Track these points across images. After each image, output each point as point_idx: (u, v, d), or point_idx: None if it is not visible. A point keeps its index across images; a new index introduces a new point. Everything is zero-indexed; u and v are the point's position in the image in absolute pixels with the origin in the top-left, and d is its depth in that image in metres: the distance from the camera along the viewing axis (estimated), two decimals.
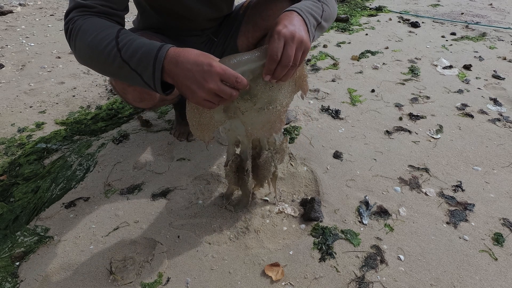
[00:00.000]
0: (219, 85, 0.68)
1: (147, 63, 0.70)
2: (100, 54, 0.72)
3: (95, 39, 0.72)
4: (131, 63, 0.71)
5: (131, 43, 0.71)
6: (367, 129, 1.55)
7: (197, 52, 0.71)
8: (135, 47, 0.71)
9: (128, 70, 0.72)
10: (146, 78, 0.71)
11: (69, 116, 1.61)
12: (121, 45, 0.71)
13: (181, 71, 0.69)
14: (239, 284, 0.90)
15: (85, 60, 0.78)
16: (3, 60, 2.16)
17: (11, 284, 0.89)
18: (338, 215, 1.10)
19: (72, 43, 0.78)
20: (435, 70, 2.16)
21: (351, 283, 0.90)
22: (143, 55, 0.70)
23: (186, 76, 0.68)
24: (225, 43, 1.24)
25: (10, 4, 3.32)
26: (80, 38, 0.74)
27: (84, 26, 0.74)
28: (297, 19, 0.76)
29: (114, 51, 0.71)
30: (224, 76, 0.68)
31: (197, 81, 0.68)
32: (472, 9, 3.56)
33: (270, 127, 0.86)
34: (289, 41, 0.71)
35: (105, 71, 0.79)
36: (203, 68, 0.67)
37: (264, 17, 1.16)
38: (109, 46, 0.71)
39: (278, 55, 0.71)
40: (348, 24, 2.99)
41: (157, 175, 1.25)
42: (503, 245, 1.02)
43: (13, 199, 1.14)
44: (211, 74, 0.67)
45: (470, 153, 1.41)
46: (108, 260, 0.95)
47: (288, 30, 0.72)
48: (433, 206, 1.16)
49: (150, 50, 0.70)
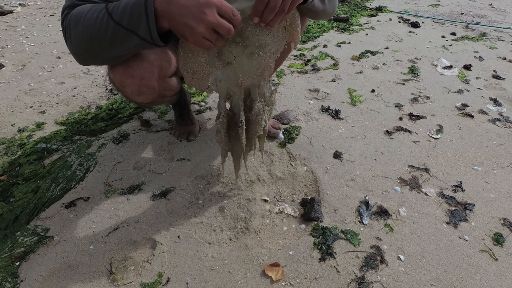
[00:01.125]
0: (218, 18, 0.66)
1: (138, 14, 0.67)
2: (93, 28, 0.71)
3: (85, 18, 0.72)
4: (123, 22, 0.68)
5: (118, 4, 0.69)
6: (367, 129, 1.55)
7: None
8: (123, 5, 0.69)
9: (124, 32, 0.69)
10: (142, 32, 0.69)
11: (69, 116, 1.61)
12: (110, 9, 0.69)
13: (176, 8, 0.66)
14: (239, 284, 0.90)
15: (82, 47, 0.75)
16: (3, 60, 2.16)
17: (11, 284, 0.89)
18: (338, 215, 1.10)
19: (68, 38, 0.76)
20: (435, 70, 2.16)
21: (351, 283, 0.90)
22: (133, 8, 0.67)
23: (182, 13, 0.66)
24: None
25: (10, 4, 3.32)
26: (73, 25, 0.74)
27: (73, 12, 0.74)
28: None
29: (106, 18, 0.69)
30: (221, 9, 0.66)
31: (194, 15, 0.65)
32: (472, 9, 3.56)
33: (260, 73, 0.88)
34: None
35: (101, 48, 0.75)
36: (199, 1, 0.65)
37: None
38: (99, 15, 0.70)
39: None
40: (348, 24, 2.99)
41: (157, 175, 1.25)
42: (503, 245, 1.02)
43: (13, 199, 1.14)
44: (209, 5, 0.65)
45: (470, 153, 1.41)
46: (108, 260, 0.95)
47: None
48: (433, 206, 1.16)
49: (138, 0, 0.67)
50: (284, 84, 1.93)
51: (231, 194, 1.17)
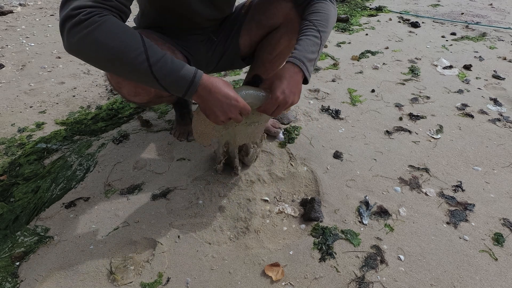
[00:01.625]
0: (237, 115, 0.89)
1: (181, 86, 0.80)
2: (126, 62, 0.74)
3: (121, 44, 0.73)
4: (162, 81, 0.78)
5: (164, 62, 0.77)
6: (367, 129, 1.55)
7: (223, 83, 0.87)
8: (169, 69, 0.78)
9: (156, 84, 0.79)
10: (174, 92, 0.81)
11: (69, 116, 1.61)
12: (152, 61, 0.76)
13: (212, 99, 0.85)
14: (239, 284, 0.90)
15: (98, 58, 0.75)
16: (3, 60, 2.16)
17: (11, 284, 0.89)
18: (338, 215, 1.10)
19: (79, 35, 0.72)
20: (435, 70, 2.16)
21: (351, 283, 0.90)
22: (178, 79, 0.79)
23: (215, 104, 0.85)
24: (226, 42, 1.24)
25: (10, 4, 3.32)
26: (100, 37, 0.72)
27: (106, 25, 0.72)
28: (296, 78, 0.93)
29: (145, 66, 0.75)
30: (243, 110, 0.89)
31: (223, 110, 0.86)
32: (472, 9, 3.56)
33: (253, 137, 1.16)
34: (281, 106, 0.93)
35: (119, 72, 0.80)
36: (231, 102, 0.86)
37: (268, 16, 1.17)
38: (138, 58, 0.74)
39: (270, 112, 0.95)
40: (348, 24, 2.99)
41: (157, 175, 1.25)
42: (503, 245, 1.02)
43: (13, 199, 1.14)
44: (236, 108, 0.87)
45: (470, 153, 1.41)
46: (108, 260, 0.95)
47: (284, 98, 0.92)
48: (433, 206, 1.16)
49: (185, 75, 0.80)
50: None
51: (231, 194, 1.17)
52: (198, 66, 1.26)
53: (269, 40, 1.22)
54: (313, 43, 0.95)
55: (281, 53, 1.24)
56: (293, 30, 1.17)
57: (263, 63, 1.29)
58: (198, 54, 1.23)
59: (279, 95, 0.91)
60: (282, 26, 1.18)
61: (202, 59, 1.25)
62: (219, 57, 1.27)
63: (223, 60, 1.29)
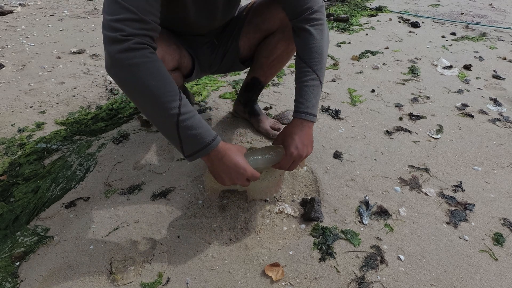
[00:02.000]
0: (244, 182, 0.90)
1: (197, 143, 0.83)
2: (158, 104, 0.78)
3: (159, 89, 0.77)
4: (182, 132, 0.80)
5: (192, 115, 0.81)
6: (367, 129, 1.55)
7: (236, 150, 0.89)
8: (195, 124, 0.81)
9: (174, 132, 0.81)
10: (185, 149, 0.84)
11: (69, 116, 1.61)
12: (183, 110, 0.79)
13: (222, 166, 0.87)
14: (239, 284, 0.90)
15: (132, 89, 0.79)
16: (3, 60, 2.16)
17: (11, 284, 0.89)
18: (338, 215, 1.10)
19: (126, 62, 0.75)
20: (435, 70, 2.16)
21: (351, 283, 0.90)
22: (199, 135, 0.82)
23: (224, 171, 0.88)
24: (227, 43, 1.25)
25: (10, 4, 3.32)
26: (145, 74, 0.76)
27: (152, 65, 0.77)
28: (306, 130, 0.96)
29: (175, 112, 0.79)
30: (251, 178, 0.89)
31: (231, 177, 0.88)
32: (472, 9, 3.56)
33: (268, 192, 1.10)
34: (297, 160, 0.95)
35: (147, 111, 0.82)
36: (239, 171, 0.87)
37: (264, 20, 1.17)
38: (171, 104, 0.78)
39: (287, 168, 0.97)
40: (348, 24, 2.99)
41: (157, 175, 1.25)
42: (503, 245, 1.02)
43: (13, 199, 1.14)
44: (243, 176, 0.88)
45: (470, 153, 1.41)
46: (108, 260, 0.95)
47: (298, 152, 0.94)
48: (433, 206, 1.16)
49: (206, 136, 0.83)
50: (284, 84, 1.93)
51: (230, 194, 1.17)
52: (202, 66, 1.27)
53: (266, 44, 1.23)
54: (313, 89, 0.97)
55: (278, 57, 1.25)
56: (289, 36, 1.17)
57: (261, 66, 1.29)
58: (202, 55, 1.24)
59: (293, 151, 0.94)
60: (278, 31, 1.19)
61: (206, 60, 1.26)
62: (221, 58, 1.28)
63: (224, 62, 1.29)
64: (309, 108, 0.96)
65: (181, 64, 1.14)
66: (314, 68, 0.97)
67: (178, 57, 1.10)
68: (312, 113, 0.97)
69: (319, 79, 0.98)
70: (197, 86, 1.87)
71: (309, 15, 0.96)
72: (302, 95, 0.97)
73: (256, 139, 1.43)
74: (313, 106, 0.97)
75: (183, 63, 1.15)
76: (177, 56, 1.09)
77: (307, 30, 0.97)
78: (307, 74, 0.97)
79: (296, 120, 0.97)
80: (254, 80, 1.37)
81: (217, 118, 1.57)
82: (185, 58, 1.15)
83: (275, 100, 1.76)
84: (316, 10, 0.97)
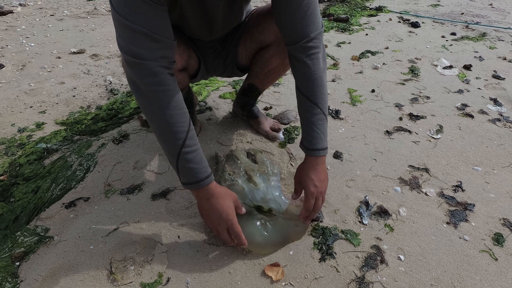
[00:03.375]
0: (224, 233, 0.90)
1: (191, 175, 0.86)
2: (167, 132, 0.83)
3: (172, 118, 0.82)
4: (181, 159, 0.84)
5: (196, 149, 0.86)
6: (367, 129, 1.55)
7: (226, 196, 0.91)
8: (196, 157, 0.86)
9: (174, 160, 0.85)
10: (181, 178, 0.88)
11: (69, 116, 1.61)
12: (188, 143, 0.84)
13: (208, 206, 0.90)
14: (239, 284, 0.90)
15: (147, 112, 0.84)
16: (3, 60, 2.16)
17: (11, 284, 0.89)
18: (338, 215, 1.10)
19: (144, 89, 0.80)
20: (435, 70, 2.16)
21: (351, 283, 0.90)
22: (196, 169, 0.86)
23: (208, 211, 0.90)
24: (229, 48, 1.24)
25: (10, 4, 3.32)
26: (158, 100, 0.81)
27: (168, 95, 0.81)
28: (320, 166, 0.98)
29: (179, 142, 0.83)
30: (230, 230, 0.90)
31: (212, 220, 0.91)
32: (472, 9, 3.56)
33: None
34: (318, 197, 0.97)
35: (156, 135, 0.87)
36: (222, 216, 0.89)
37: (260, 31, 1.16)
38: (178, 134, 0.83)
39: (311, 208, 0.98)
40: (348, 24, 2.99)
41: (157, 175, 1.25)
42: (503, 245, 1.02)
43: (13, 199, 1.14)
44: (225, 224, 0.89)
45: (470, 153, 1.41)
46: (108, 260, 0.95)
47: (318, 190, 0.96)
48: (433, 206, 1.16)
49: (202, 172, 0.86)
50: (284, 84, 1.93)
51: None
52: (208, 69, 1.27)
53: (261, 56, 1.22)
54: (319, 123, 0.96)
55: (274, 70, 1.24)
56: (285, 50, 1.13)
57: (257, 75, 1.29)
58: (207, 58, 1.24)
59: (313, 190, 0.96)
60: (273, 44, 1.16)
61: (211, 64, 1.26)
62: (224, 64, 1.28)
63: (226, 67, 1.29)
64: (318, 144, 0.96)
65: (189, 65, 1.14)
66: (316, 102, 0.95)
67: (186, 58, 1.10)
68: (322, 148, 0.97)
69: (323, 112, 0.96)
70: (197, 86, 1.87)
71: (306, 43, 0.90)
72: (309, 132, 0.97)
73: (256, 139, 1.43)
74: (322, 141, 0.97)
75: (191, 63, 1.15)
76: (185, 57, 1.09)
77: (303, 61, 0.92)
78: (310, 109, 0.95)
79: (309, 158, 0.98)
80: (251, 86, 1.36)
81: (217, 118, 1.57)
82: (193, 59, 1.16)
83: (275, 100, 1.76)
84: (313, 38, 0.90)
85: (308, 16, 0.88)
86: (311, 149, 0.97)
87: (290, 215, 1.05)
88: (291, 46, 0.93)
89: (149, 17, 0.75)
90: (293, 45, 0.92)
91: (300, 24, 0.88)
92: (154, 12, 0.75)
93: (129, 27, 0.74)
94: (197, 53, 1.19)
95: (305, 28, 0.89)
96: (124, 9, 0.74)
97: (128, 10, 0.74)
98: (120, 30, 0.77)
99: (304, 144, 0.99)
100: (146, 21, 0.75)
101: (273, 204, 1.07)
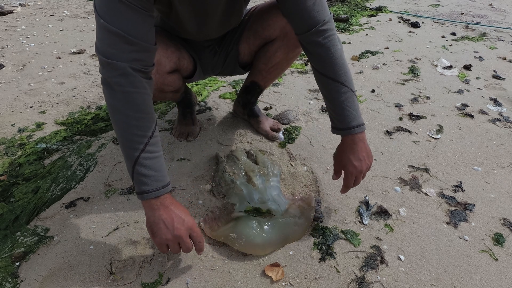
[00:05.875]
0: (185, 238, 0.84)
1: (145, 182, 0.81)
2: (127, 133, 0.80)
3: (135, 120, 0.80)
4: (137, 168, 0.80)
5: (157, 156, 0.83)
6: (367, 129, 1.54)
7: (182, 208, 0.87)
8: (156, 164, 0.82)
9: (130, 163, 0.81)
10: (135, 185, 0.82)
11: (69, 116, 1.61)
12: (148, 149, 0.81)
13: (167, 213, 0.83)
14: (239, 284, 0.90)
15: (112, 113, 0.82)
16: (3, 60, 2.16)
17: (11, 284, 0.89)
18: (338, 215, 1.10)
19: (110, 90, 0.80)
20: (435, 70, 2.16)
21: (351, 283, 0.90)
22: (152, 176, 0.81)
23: (167, 219, 0.82)
24: (228, 47, 1.24)
25: (10, 4, 3.32)
26: (124, 100, 0.79)
27: (134, 97, 0.79)
28: (359, 144, 0.95)
29: (139, 147, 0.80)
30: (193, 233, 0.85)
31: (170, 224, 0.82)
32: (472, 9, 3.56)
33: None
34: (359, 176, 0.97)
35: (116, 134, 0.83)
36: (182, 217, 0.84)
37: (264, 27, 1.16)
38: (139, 138, 0.80)
39: (351, 186, 0.99)
40: (348, 24, 2.99)
41: None
42: (503, 245, 1.02)
43: (13, 199, 1.14)
44: (185, 224, 0.84)
45: (470, 153, 1.41)
46: (108, 260, 0.95)
47: (357, 169, 0.95)
48: (433, 206, 1.16)
49: (159, 179, 0.82)
50: (284, 84, 1.93)
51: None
52: (205, 68, 1.27)
53: (265, 51, 1.22)
54: (350, 101, 0.93)
55: (277, 64, 1.24)
56: (289, 44, 1.15)
57: (260, 72, 1.29)
58: (204, 58, 1.24)
59: (351, 169, 0.95)
60: (278, 39, 1.17)
61: (208, 63, 1.26)
62: (223, 62, 1.28)
63: (226, 65, 1.30)
64: (353, 121, 0.93)
65: (181, 66, 1.15)
66: (341, 81, 0.92)
67: (176, 59, 1.10)
68: (358, 124, 0.94)
69: (350, 89, 0.94)
70: (197, 86, 1.87)
71: (321, 26, 0.90)
72: (340, 112, 0.94)
73: (256, 139, 1.43)
74: (356, 117, 0.94)
75: (183, 64, 1.15)
76: (175, 59, 1.09)
77: (322, 44, 0.91)
78: (337, 89, 0.93)
79: (345, 138, 0.96)
80: (253, 84, 1.36)
81: (217, 118, 1.57)
82: (185, 60, 1.15)
83: (275, 100, 1.76)
84: (327, 21, 0.91)
85: (319, 1, 0.90)
86: (346, 128, 0.94)
87: (290, 215, 1.05)
88: (306, 33, 0.92)
89: (128, 20, 0.75)
90: (309, 31, 0.91)
91: (313, 10, 0.89)
92: (134, 15, 0.76)
93: (106, 28, 0.75)
94: (191, 53, 1.19)
95: (319, 13, 0.90)
96: (104, 10, 0.75)
97: (108, 11, 0.74)
98: (98, 31, 0.77)
99: (338, 126, 0.96)
100: (123, 23, 0.75)
101: (272, 204, 1.07)
